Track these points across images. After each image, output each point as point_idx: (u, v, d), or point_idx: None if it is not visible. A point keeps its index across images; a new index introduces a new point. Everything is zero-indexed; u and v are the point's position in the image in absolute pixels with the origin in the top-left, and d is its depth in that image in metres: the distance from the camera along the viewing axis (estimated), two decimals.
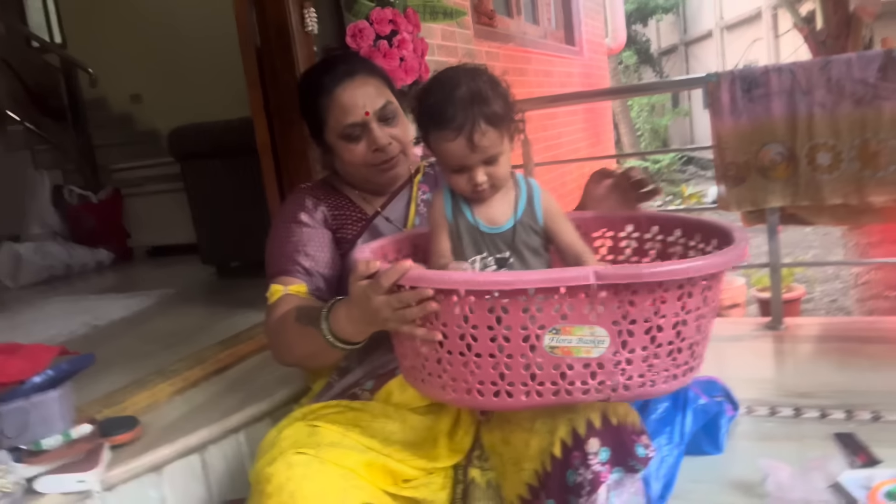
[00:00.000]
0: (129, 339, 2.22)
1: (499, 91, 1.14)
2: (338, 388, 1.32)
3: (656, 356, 1.03)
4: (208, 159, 2.97)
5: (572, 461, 1.05)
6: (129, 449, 1.35)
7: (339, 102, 1.35)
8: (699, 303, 1.05)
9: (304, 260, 1.35)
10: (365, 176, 1.39)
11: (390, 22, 1.97)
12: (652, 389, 1.05)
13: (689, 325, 1.05)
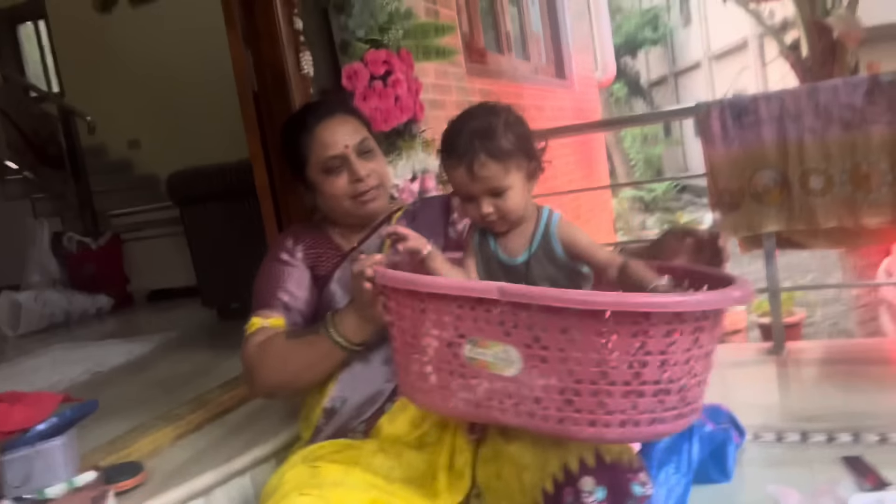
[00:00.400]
0: (131, 385, 2.22)
1: (512, 128, 1.18)
2: (328, 432, 1.33)
3: (576, 393, 0.97)
4: (207, 202, 2.99)
5: (564, 498, 1.04)
6: (134, 495, 1.34)
7: (320, 138, 1.42)
8: (627, 345, 0.95)
9: (283, 295, 1.41)
10: (346, 209, 1.44)
11: (384, 63, 2.00)
12: (575, 430, 0.99)
13: (618, 369, 0.95)
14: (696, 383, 1.02)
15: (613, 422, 0.97)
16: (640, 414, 0.98)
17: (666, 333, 0.95)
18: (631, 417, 0.98)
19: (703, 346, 1.00)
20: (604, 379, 0.96)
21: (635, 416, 0.98)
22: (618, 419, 0.97)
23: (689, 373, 0.99)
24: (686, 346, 0.97)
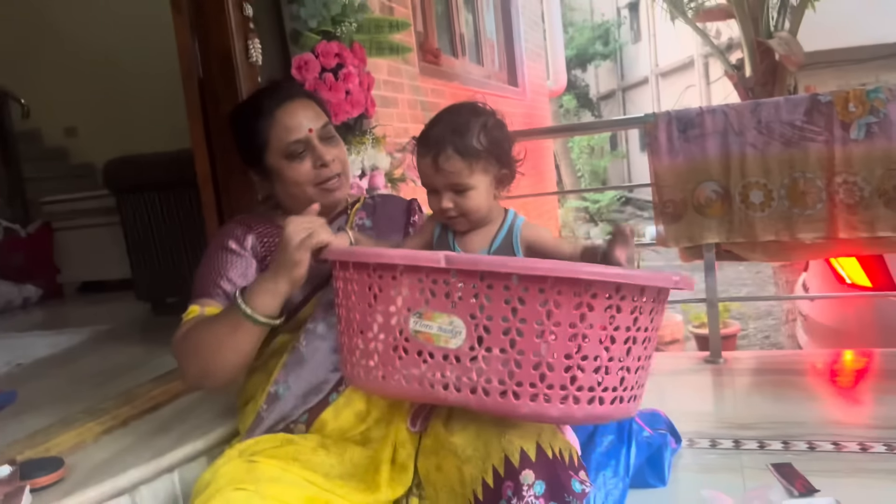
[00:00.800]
0: (55, 378, 2.11)
1: (488, 131, 1.18)
2: (270, 421, 1.27)
3: (518, 365, 0.98)
4: (145, 192, 2.89)
5: (504, 491, 1.04)
6: (52, 491, 1.27)
7: (282, 122, 1.35)
8: (574, 318, 0.96)
9: (224, 284, 1.33)
10: (309, 197, 1.37)
11: (336, 55, 1.97)
12: (517, 403, 0.99)
13: (559, 340, 0.97)
14: (635, 368, 1.04)
15: (554, 397, 0.98)
16: (578, 391, 0.99)
17: (606, 307, 0.97)
18: (570, 393, 0.98)
19: (642, 328, 1.01)
20: (545, 350, 0.97)
21: (574, 393, 0.99)
22: (558, 395, 0.98)
23: (627, 353, 1.01)
24: (626, 324, 0.99)
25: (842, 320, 3.09)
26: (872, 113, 2.15)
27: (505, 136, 1.21)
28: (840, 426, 1.79)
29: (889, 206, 2.17)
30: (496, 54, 5.53)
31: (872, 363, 2.28)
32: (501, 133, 1.21)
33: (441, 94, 3.65)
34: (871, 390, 2.03)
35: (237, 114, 1.45)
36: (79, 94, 4.53)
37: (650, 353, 1.07)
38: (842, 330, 3.07)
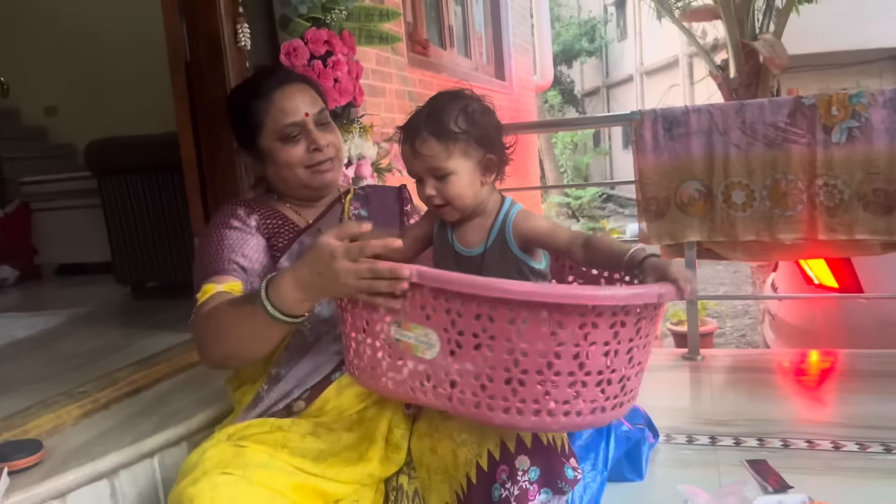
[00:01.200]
0: (33, 360, 2.08)
1: (469, 114, 1.15)
2: (269, 400, 1.27)
3: (490, 379, 0.98)
4: (128, 174, 2.85)
5: (498, 475, 1.05)
6: (31, 474, 1.26)
7: (278, 104, 1.35)
8: (539, 334, 0.95)
9: (241, 259, 1.29)
10: (300, 180, 1.37)
11: (325, 42, 1.95)
12: (490, 415, 0.99)
13: (529, 357, 0.95)
14: (619, 378, 1.01)
15: (527, 410, 0.98)
16: (554, 403, 0.98)
17: (581, 325, 0.95)
18: (544, 406, 0.97)
19: (625, 339, 0.99)
20: (516, 367, 0.96)
21: (549, 406, 0.97)
22: (531, 408, 0.98)
23: (607, 367, 0.99)
24: (604, 338, 0.96)
25: (809, 320, 3.16)
26: (854, 117, 2.18)
27: (489, 122, 1.18)
28: (814, 425, 1.83)
29: (867, 210, 2.20)
30: (484, 47, 5.53)
31: (846, 364, 2.32)
32: (485, 118, 1.17)
33: (429, 85, 3.64)
34: (845, 390, 2.06)
35: (234, 95, 1.44)
36: (59, 73, 4.46)
37: (640, 360, 1.04)
38: (808, 329, 3.13)
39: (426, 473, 1.20)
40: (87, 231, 3.47)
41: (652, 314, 1.02)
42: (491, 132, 1.18)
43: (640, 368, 1.06)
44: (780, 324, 3.32)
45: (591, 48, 18.22)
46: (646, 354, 1.06)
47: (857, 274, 2.87)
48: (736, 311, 6.69)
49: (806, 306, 3.17)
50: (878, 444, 1.68)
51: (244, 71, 1.93)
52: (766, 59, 4.68)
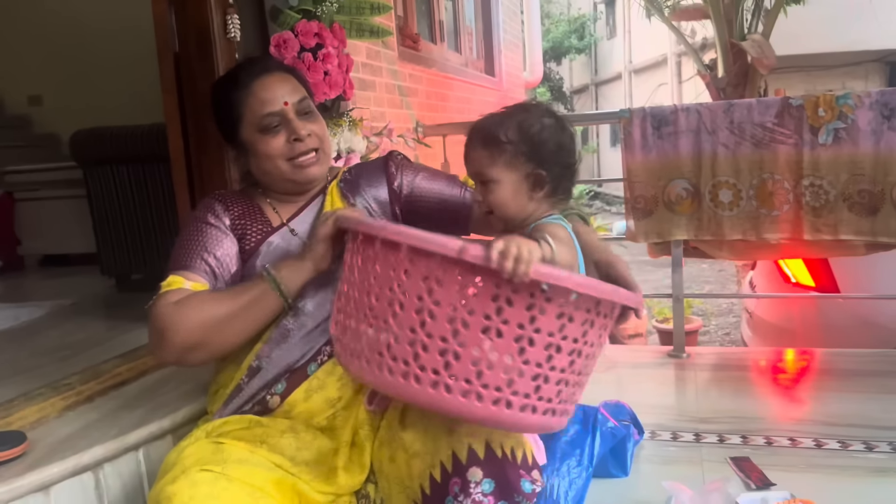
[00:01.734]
0: (16, 351, 2.06)
1: (523, 127, 1.16)
2: (250, 390, 1.27)
3: (424, 348, 0.94)
4: (114, 165, 2.83)
5: (451, 487, 1.03)
6: (15, 466, 1.25)
7: (257, 94, 1.32)
8: (488, 307, 0.92)
9: (210, 259, 1.29)
10: (283, 173, 1.35)
11: (315, 35, 1.95)
12: (416, 388, 0.95)
13: (470, 329, 0.92)
14: (547, 377, 0.97)
15: (456, 388, 0.94)
16: (483, 388, 0.94)
17: (528, 306, 0.93)
18: (474, 388, 0.94)
19: (567, 338, 0.97)
20: (454, 338, 0.93)
21: (478, 389, 0.94)
22: (461, 386, 0.94)
23: (546, 362, 0.96)
24: (549, 329, 0.95)
25: (786, 318, 3.20)
26: (841, 118, 2.20)
27: (549, 138, 1.16)
28: (796, 423, 1.84)
29: (852, 210, 2.22)
30: (474, 42, 5.52)
31: (829, 363, 2.34)
32: (544, 133, 1.16)
33: (419, 79, 3.63)
34: (827, 389, 2.08)
35: (216, 87, 1.42)
36: (44, 62, 4.41)
37: (580, 369, 1.03)
38: (785, 328, 3.18)
39: (386, 483, 1.19)
40: (71, 222, 3.44)
41: (601, 322, 1.01)
42: (548, 148, 1.17)
43: (578, 379, 1.03)
44: (757, 322, 3.36)
45: (580, 45, 18.24)
46: (587, 366, 1.04)
47: (834, 273, 2.91)
48: (721, 310, 6.74)
49: (783, 305, 3.20)
50: (860, 443, 1.70)
51: (233, 62, 1.92)
52: (755, 59, 4.71)
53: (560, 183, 1.20)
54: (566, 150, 1.19)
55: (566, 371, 1.00)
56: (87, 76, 4.24)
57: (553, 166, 1.18)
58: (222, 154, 1.91)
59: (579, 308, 0.96)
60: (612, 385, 2.27)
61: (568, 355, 0.99)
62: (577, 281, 0.94)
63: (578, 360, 1.01)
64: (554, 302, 0.94)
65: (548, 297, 0.93)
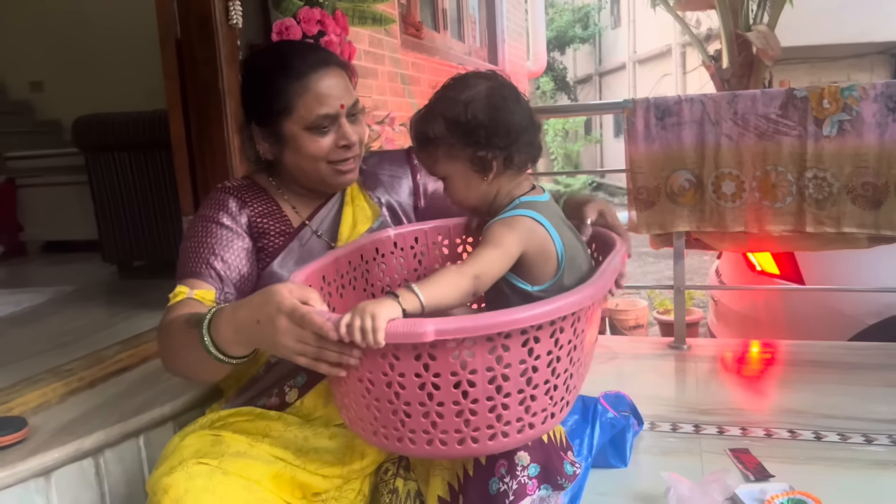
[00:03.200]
0: (17, 337, 2.07)
1: (449, 117, 1.08)
2: (265, 383, 1.25)
3: (407, 415, 0.95)
4: (116, 152, 2.83)
5: (497, 469, 1.04)
6: (16, 451, 1.25)
7: (315, 90, 1.22)
8: (452, 365, 0.91)
9: (217, 264, 1.22)
10: (320, 175, 1.28)
11: (318, 22, 1.93)
12: (444, 449, 0.97)
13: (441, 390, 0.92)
14: (533, 395, 0.97)
15: (450, 440, 0.95)
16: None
17: (490, 350, 0.92)
18: (468, 434, 0.95)
19: (541, 356, 0.95)
20: (430, 400, 0.93)
21: (471, 433, 0.95)
22: (455, 438, 0.95)
23: (528, 385, 0.96)
24: (520, 358, 0.94)
25: (751, 307, 3.24)
26: (845, 110, 2.19)
27: (479, 114, 1.07)
28: (796, 415, 1.84)
29: (855, 203, 2.21)
30: (478, 31, 5.50)
31: (829, 356, 2.34)
32: (470, 112, 1.07)
33: (421, 67, 3.62)
34: (827, 381, 2.08)
35: (258, 68, 1.30)
36: (46, 48, 4.40)
37: (566, 368, 1.01)
38: (749, 316, 3.23)
39: (424, 468, 1.18)
40: (73, 208, 3.45)
41: (569, 326, 0.97)
42: (480, 126, 1.07)
43: (581, 366, 1.03)
44: (723, 310, 3.41)
45: (584, 35, 18.16)
46: (586, 353, 1.04)
47: (798, 263, 2.95)
48: None
49: (749, 294, 3.24)
50: (859, 435, 1.70)
51: (235, 49, 1.92)
52: (760, 50, 4.68)
53: (511, 155, 1.10)
54: (503, 120, 1.08)
55: (569, 369, 1.01)
56: (89, 62, 4.23)
57: (493, 142, 1.08)
58: (224, 141, 1.91)
59: (542, 329, 0.93)
60: (612, 376, 2.28)
61: (567, 356, 0.98)
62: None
63: (575, 353, 1.01)
64: (514, 338, 0.91)
65: (506, 333, 0.90)
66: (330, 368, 0.93)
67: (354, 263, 1.29)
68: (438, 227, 1.41)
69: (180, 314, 1.13)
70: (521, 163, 1.13)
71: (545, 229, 1.10)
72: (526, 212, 1.10)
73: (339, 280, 1.23)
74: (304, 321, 0.90)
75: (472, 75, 1.12)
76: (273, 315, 0.92)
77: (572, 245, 1.14)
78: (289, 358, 0.95)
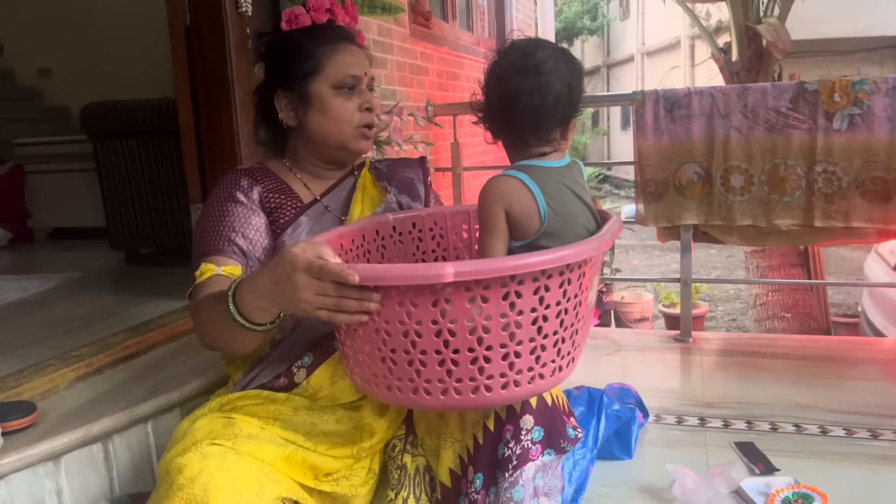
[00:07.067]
0: (25, 323, 2.08)
1: (481, 89, 1.22)
2: (271, 363, 1.25)
3: (423, 364, 0.98)
4: (125, 139, 2.83)
5: (504, 434, 1.06)
6: (25, 436, 1.26)
7: (343, 55, 1.33)
8: (468, 311, 0.94)
9: (240, 241, 1.25)
10: (343, 138, 1.33)
11: (327, 11, 1.93)
12: (458, 399, 1.00)
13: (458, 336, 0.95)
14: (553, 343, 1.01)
15: (465, 389, 0.98)
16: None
17: (504, 295, 0.95)
18: (481, 383, 0.97)
19: (551, 305, 0.98)
20: (447, 348, 0.96)
21: (485, 381, 0.98)
22: (469, 386, 0.98)
23: (538, 332, 0.99)
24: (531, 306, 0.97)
25: None
26: (856, 104, 2.18)
27: (493, 86, 1.19)
28: (802, 409, 1.84)
29: (865, 197, 2.20)
30: (486, 21, 5.47)
31: (835, 350, 2.34)
32: (490, 85, 1.20)
33: (430, 57, 3.61)
34: (833, 376, 2.08)
35: (286, 35, 1.44)
36: (54, 34, 4.40)
37: (573, 322, 1.04)
38: None
39: (434, 441, 1.20)
40: (81, 195, 3.45)
41: (576, 279, 1.01)
42: (493, 99, 1.20)
43: (573, 330, 1.05)
44: None
45: (592, 26, 18.07)
46: (583, 318, 1.06)
47: None
48: (728, 296, 6.73)
49: None
50: (865, 430, 1.70)
51: (244, 37, 1.91)
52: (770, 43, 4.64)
53: (521, 130, 1.19)
54: (498, 96, 1.19)
55: (574, 324, 1.04)
56: (98, 49, 4.23)
57: (496, 116, 1.20)
58: (233, 128, 1.91)
59: (552, 277, 0.97)
60: (617, 368, 2.28)
61: (573, 309, 1.02)
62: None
63: (581, 309, 1.05)
64: (526, 284, 0.95)
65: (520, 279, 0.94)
66: (350, 317, 0.95)
67: (357, 242, 1.33)
68: (434, 214, 1.46)
69: (211, 292, 1.16)
70: (538, 137, 1.19)
71: (529, 191, 1.14)
72: (514, 173, 1.16)
73: (344, 256, 1.26)
74: (323, 272, 0.92)
75: (511, 44, 1.22)
76: (290, 273, 0.94)
77: (566, 209, 1.18)
78: (310, 313, 0.96)
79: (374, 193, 1.45)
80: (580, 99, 1.21)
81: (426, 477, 1.22)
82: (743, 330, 5.72)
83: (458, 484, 1.11)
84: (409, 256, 1.43)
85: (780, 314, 4.86)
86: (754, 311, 5.13)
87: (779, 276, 4.78)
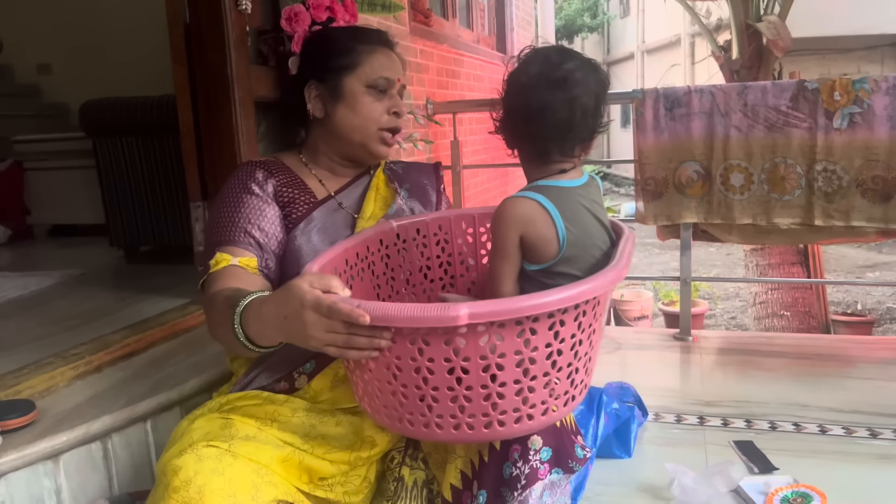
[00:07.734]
0: (25, 320, 2.07)
1: (501, 97, 1.18)
2: (272, 365, 1.25)
3: (435, 400, 0.97)
4: (124, 136, 2.82)
5: (511, 454, 1.05)
6: (24, 434, 1.26)
7: (380, 57, 1.35)
8: (482, 349, 0.92)
9: (256, 233, 1.24)
10: (366, 137, 1.34)
11: (327, 9, 1.92)
12: (470, 434, 0.98)
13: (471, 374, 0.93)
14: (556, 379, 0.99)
15: (477, 424, 0.97)
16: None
17: (520, 332, 0.93)
18: (494, 418, 0.97)
19: (565, 339, 0.97)
20: (459, 385, 0.94)
21: (498, 416, 0.97)
22: (482, 421, 0.97)
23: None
24: (546, 341, 0.95)
25: None
26: (857, 103, 2.18)
27: (510, 96, 1.17)
28: (801, 408, 1.84)
29: (865, 197, 2.20)
30: (486, 19, 5.46)
31: (835, 349, 2.34)
32: (509, 97, 1.17)
33: (430, 55, 3.60)
34: (833, 375, 2.08)
35: (328, 29, 1.49)
36: (53, 31, 4.39)
37: (586, 351, 1.04)
38: None
39: (439, 455, 1.19)
40: (80, 192, 3.45)
41: (590, 309, 0.99)
42: (509, 111, 1.17)
43: (587, 359, 1.05)
44: None
45: (592, 24, 18.08)
46: (596, 344, 1.06)
47: None
48: (727, 294, 6.74)
49: None
50: (864, 429, 1.70)
51: (244, 35, 1.90)
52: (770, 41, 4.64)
53: (545, 143, 1.14)
54: (523, 107, 1.14)
55: (588, 353, 1.03)
56: (97, 46, 4.23)
57: (518, 127, 1.16)
58: (232, 127, 1.90)
59: (567, 312, 0.95)
60: (616, 366, 2.28)
61: (588, 339, 1.01)
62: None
63: (595, 336, 1.04)
64: (541, 321, 0.93)
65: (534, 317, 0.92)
66: (360, 354, 0.94)
67: (362, 255, 1.30)
68: (440, 219, 1.44)
69: (225, 287, 1.15)
70: (559, 151, 1.15)
71: (548, 215, 1.11)
72: (533, 195, 1.13)
73: (349, 272, 1.24)
74: (332, 311, 0.90)
75: (534, 52, 1.17)
76: (298, 310, 0.92)
77: (585, 232, 1.15)
78: (319, 349, 0.95)
79: (386, 194, 1.45)
80: (605, 111, 1.18)
81: (423, 491, 1.21)
82: (742, 328, 5.73)
83: (458, 498, 1.10)
84: (413, 263, 1.41)
85: (780, 312, 4.87)
86: (754, 309, 5.13)
87: (778, 274, 4.78)
